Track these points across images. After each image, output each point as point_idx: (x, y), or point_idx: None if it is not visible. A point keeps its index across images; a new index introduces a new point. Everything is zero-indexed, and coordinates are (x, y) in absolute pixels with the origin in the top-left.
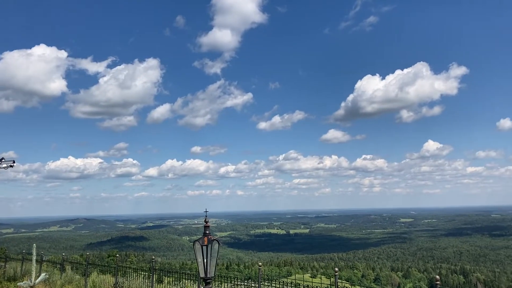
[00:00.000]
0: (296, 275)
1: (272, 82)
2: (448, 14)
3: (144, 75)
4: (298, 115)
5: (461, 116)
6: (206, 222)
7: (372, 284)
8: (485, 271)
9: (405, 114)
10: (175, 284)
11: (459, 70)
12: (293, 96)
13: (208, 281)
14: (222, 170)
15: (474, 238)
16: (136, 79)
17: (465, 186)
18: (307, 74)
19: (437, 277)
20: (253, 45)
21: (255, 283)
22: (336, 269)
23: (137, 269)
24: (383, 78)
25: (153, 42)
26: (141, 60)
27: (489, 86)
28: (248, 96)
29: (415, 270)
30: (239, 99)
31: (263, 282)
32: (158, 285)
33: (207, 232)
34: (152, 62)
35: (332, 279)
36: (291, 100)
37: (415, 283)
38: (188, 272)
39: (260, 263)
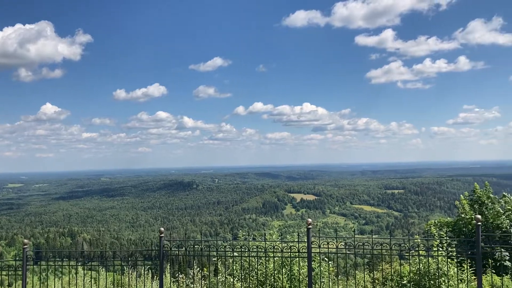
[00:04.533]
0: None
1: None
2: None
3: None
4: None
5: (81, 83)
6: None
7: None
8: (92, 231)
9: (24, 73)
10: None
11: (84, 37)
12: None
13: None
14: None
15: (84, 200)
16: None
17: (80, 150)
18: None
19: (26, 241)
20: None
21: None
22: None
23: None
24: (0, 29)
25: None
26: None
27: (109, 57)
28: None
29: (21, 237)
30: None
31: None
32: None
33: None
34: None
35: None
36: None
37: (19, 250)
38: None
39: None
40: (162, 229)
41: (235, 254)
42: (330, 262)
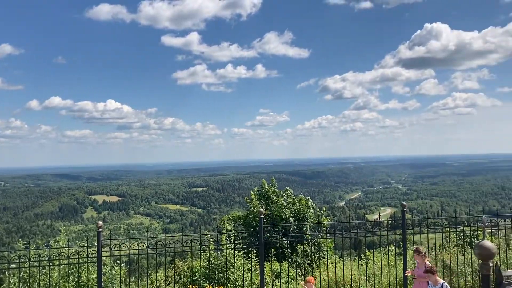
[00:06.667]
0: None
1: None
2: None
3: None
4: None
5: None
6: None
7: None
8: None
9: None
10: None
11: None
12: None
13: None
14: None
15: None
16: None
17: None
18: None
19: None
20: None
21: None
22: None
23: None
24: None
25: None
26: None
27: None
28: None
29: None
30: None
31: None
32: None
33: None
34: None
35: None
36: None
37: None
38: None
39: None
40: None
41: (13, 265)
42: (122, 265)
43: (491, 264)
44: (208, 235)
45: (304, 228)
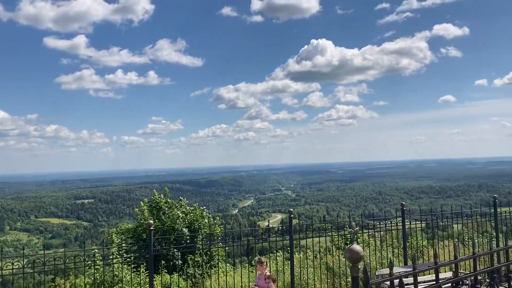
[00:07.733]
0: None
1: None
2: None
3: None
4: None
5: None
6: None
7: None
8: None
9: None
10: None
11: None
12: None
13: None
14: None
15: None
16: None
17: None
18: None
19: None
20: None
21: None
22: None
23: None
24: None
25: None
26: None
27: None
28: None
29: None
30: None
31: None
32: None
33: None
34: None
35: None
36: None
37: None
38: None
39: None
40: None
41: None
42: None
43: (360, 266)
44: (95, 250)
45: (197, 239)
